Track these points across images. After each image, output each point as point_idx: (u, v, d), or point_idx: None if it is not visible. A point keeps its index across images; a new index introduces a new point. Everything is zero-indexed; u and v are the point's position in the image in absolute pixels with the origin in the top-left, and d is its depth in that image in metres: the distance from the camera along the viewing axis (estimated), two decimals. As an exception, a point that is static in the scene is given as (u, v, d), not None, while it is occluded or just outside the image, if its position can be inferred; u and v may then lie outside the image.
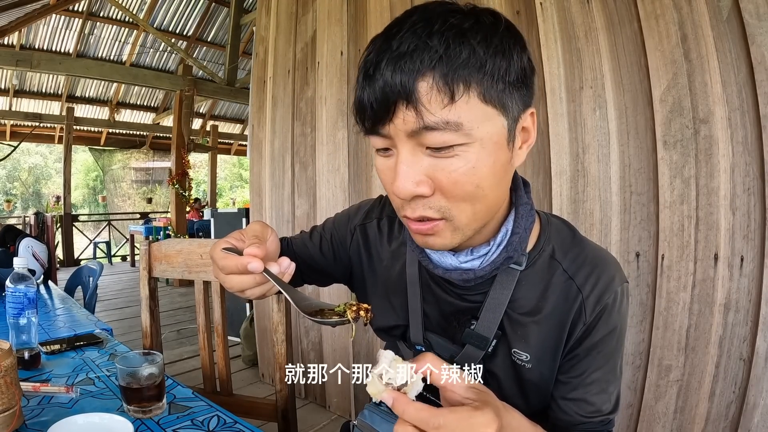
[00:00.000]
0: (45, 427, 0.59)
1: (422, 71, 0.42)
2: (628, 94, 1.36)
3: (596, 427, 0.60)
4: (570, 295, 0.57)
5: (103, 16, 6.88)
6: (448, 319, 0.63)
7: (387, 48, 0.44)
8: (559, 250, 0.59)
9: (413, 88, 0.43)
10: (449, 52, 0.42)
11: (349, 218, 0.74)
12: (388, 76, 0.43)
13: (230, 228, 3.38)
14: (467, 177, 0.46)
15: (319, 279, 0.77)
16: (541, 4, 1.51)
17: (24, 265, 0.95)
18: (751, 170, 1.18)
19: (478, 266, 0.56)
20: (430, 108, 0.43)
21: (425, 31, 0.43)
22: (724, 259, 1.21)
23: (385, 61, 0.44)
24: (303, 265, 0.74)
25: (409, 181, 0.46)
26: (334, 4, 2.16)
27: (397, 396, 0.40)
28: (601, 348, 0.58)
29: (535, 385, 0.60)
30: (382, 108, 0.45)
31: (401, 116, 0.44)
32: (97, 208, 12.77)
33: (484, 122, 0.45)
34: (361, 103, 0.47)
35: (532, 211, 0.57)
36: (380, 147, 0.49)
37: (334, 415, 2.19)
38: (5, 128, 8.19)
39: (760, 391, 1.16)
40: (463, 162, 0.45)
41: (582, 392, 0.58)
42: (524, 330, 0.58)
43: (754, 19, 1.15)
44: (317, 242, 0.75)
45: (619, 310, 0.58)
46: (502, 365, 0.60)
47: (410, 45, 0.43)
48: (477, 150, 0.45)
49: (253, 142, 2.64)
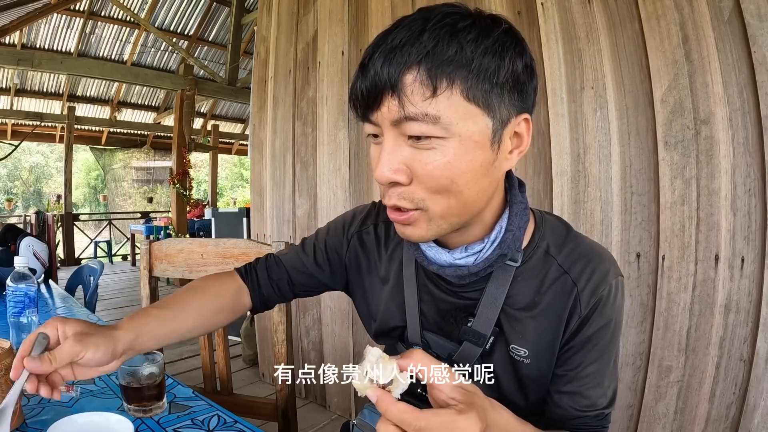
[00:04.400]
0: (45, 426, 0.59)
1: (409, 64, 0.45)
2: (629, 94, 1.36)
3: (591, 422, 0.61)
4: (565, 289, 0.58)
5: (105, 15, 6.88)
6: (445, 317, 0.63)
7: (383, 42, 0.47)
8: (553, 245, 0.60)
9: (398, 79, 0.45)
10: (437, 48, 0.45)
11: (345, 226, 0.74)
12: (378, 66, 0.46)
13: (230, 227, 3.38)
14: (441, 171, 0.47)
15: (312, 290, 0.77)
16: (543, 5, 1.51)
17: (25, 264, 0.95)
18: (752, 171, 1.17)
19: (472, 263, 0.57)
20: (412, 99, 0.45)
21: (419, 28, 0.46)
22: (725, 260, 1.21)
23: (378, 53, 0.47)
24: (296, 279, 0.75)
25: (387, 167, 0.48)
26: (336, 4, 2.16)
27: (381, 394, 0.39)
28: (596, 341, 0.58)
29: (533, 380, 0.60)
30: (371, 96, 0.48)
31: (387, 105, 0.47)
32: (98, 207, 12.78)
33: (465, 119, 0.46)
34: (354, 91, 0.50)
35: (526, 209, 0.58)
36: (370, 132, 0.52)
37: (334, 414, 2.19)
38: (6, 127, 8.20)
39: (760, 392, 1.16)
40: (440, 155, 0.47)
41: (577, 385, 0.59)
42: (521, 325, 0.59)
43: (755, 19, 1.15)
44: (311, 253, 0.75)
45: (613, 303, 0.58)
46: (501, 362, 0.60)
47: (402, 39, 0.46)
48: (454, 146, 0.47)
49: (254, 141, 2.64)
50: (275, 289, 0.75)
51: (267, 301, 0.75)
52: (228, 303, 0.71)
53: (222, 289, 0.72)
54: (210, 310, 0.69)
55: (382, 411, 0.39)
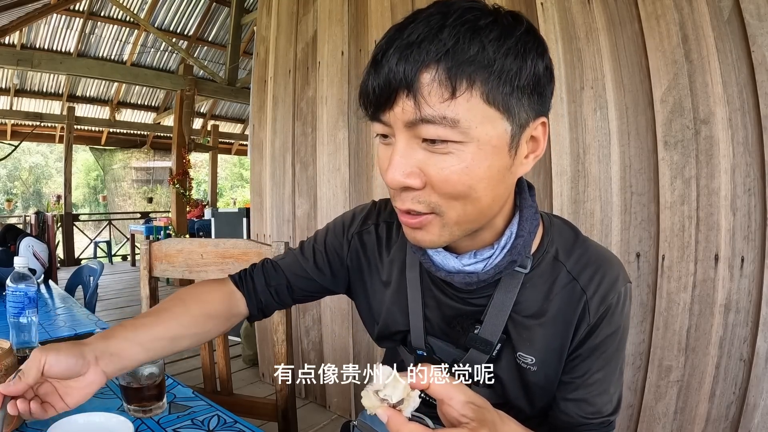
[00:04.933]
0: (45, 426, 0.59)
1: (427, 62, 0.42)
2: (628, 94, 1.36)
3: (596, 429, 0.60)
4: (574, 296, 0.57)
5: (104, 15, 6.88)
6: (451, 323, 0.61)
7: (398, 36, 0.44)
8: (562, 251, 0.59)
9: (415, 78, 0.42)
10: (457, 47, 0.41)
11: (344, 227, 0.72)
12: (393, 63, 0.43)
13: (230, 228, 3.38)
14: (459, 176, 0.45)
15: (312, 295, 0.75)
16: (542, 5, 1.51)
17: (24, 265, 0.95)
18: (752, 171, 1.17)
19: (481, 269, 0.55)
20: (429, 101, 0.42)
21: (438, 24, 0.42)
22: (725, 260, 1.21)
23: (393, 49, 0.43)
24: (295, 284, 0.72)
25: (399, 171, 0.46)
26: (335, 4, 2.16)
27: (392, 414, 0.39)
28: (604, 349, 0.57)
29: (540, 387, 0.59)
30: (384, 95, 0.44)
31: (401, 105, 0.44)
32: (98, 207, 12.78)
33: (484, 123, 0.44)
34: (365, 88, 0.46)
35: (536, 214, 0.56)
36: (380, 132, 0.49)
37: (334, 415, 2.19)
38: (6, 128, 8.19)
39: (760, 391, 1.16)
40: (457, 160, 0.44)
41: (583, 393, 0.58)
42: (529, 333, 0.58)
43: (755, 19, 1.15)
44: (310, 257, 0.72)
45: (622, 311, 0.58)
46: (507, 369, 0.59)
47: (420, 35, 0.42)
48: (473, 150, 0.44)
49: (254, 141, 2.64)
50: (274, 296, 0.72)
51: (264, 308, 0.73)
52: (218, 310, 0.68)
53: (210, 296, 0.69)
54: (195, 315, 0.66)
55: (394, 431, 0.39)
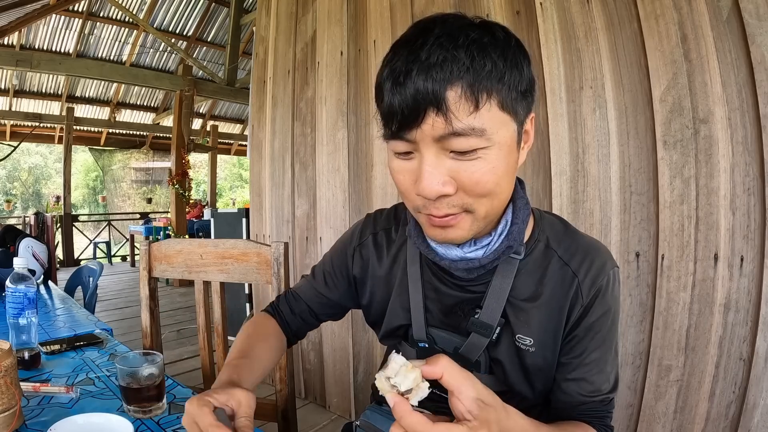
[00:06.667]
0: (45, 427, 0.59)
1: (451, 80, 0.46)
2: (628, 94, 1.36)
3: (597, 407, 0.64)
4: (566, 280, 0.61)
5: (103, 16, 6.88)
6: (451, 311, 0.66)
7: (416, 58, 0.48)
8: (553, 240, 0.64)
9: (443, 95, 0.46)
10: (475, 64, 0.47)
11: (345, 245, 0.78)
12: (420, 83, 0.47)
13: (230, 228, 3.37)
14: (487, 177, 0.50)
15: (335, 314, 0.83)
16: (541, 4, 1.51)
17: (24, 265, 0.95)
18: (751, 170, 1.18)
19: (481, 255, 0.59)
20: (458, 115, 0.47)
21: (451, 44, 0.47)
22: (724, 259, 1.21)
23: (416, 70, 0.47)
24: (315, 308, 0.80)
25: (435, 182, 0.50)
26: (334, 4, 2.16)
27: (398, 401, 0.41)
28: (598, 328, 0.62)
29: (539, 369, 0.63)
30: (413, 114, 0.48)
31: (430, 122, 0.48)
32: (97, 208, 12.78)
33: (501, 128, 0.50)
34: (391, 109, 0.49)
35: (527, 205, 0.62)
36: (402, 151, 0.52)
37: (334, 415, 2.19)
38: (5, 128, 8.19)
39: (760, 391, 1.16)
40: (485, 164, 0.50)
41: (582, 372, 0.62)
42: (526, 315, 0.62)
43: (754, 19, 1.15)
44: (321, 280, 0.79)
45: (612, 292, 0.62)
46: (507, 352, 0.63)
47: (439, 56, 0.47)
48: (495, 152, 0.50)
49: (253, 142, 2.64)
50: (300, 321, 0.81)
51: (297, 333, 0.82)
52: (281, 339, 0.79)
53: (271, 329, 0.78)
54: (275, 348, 0.75)
55: (397, 417, 0.41)
